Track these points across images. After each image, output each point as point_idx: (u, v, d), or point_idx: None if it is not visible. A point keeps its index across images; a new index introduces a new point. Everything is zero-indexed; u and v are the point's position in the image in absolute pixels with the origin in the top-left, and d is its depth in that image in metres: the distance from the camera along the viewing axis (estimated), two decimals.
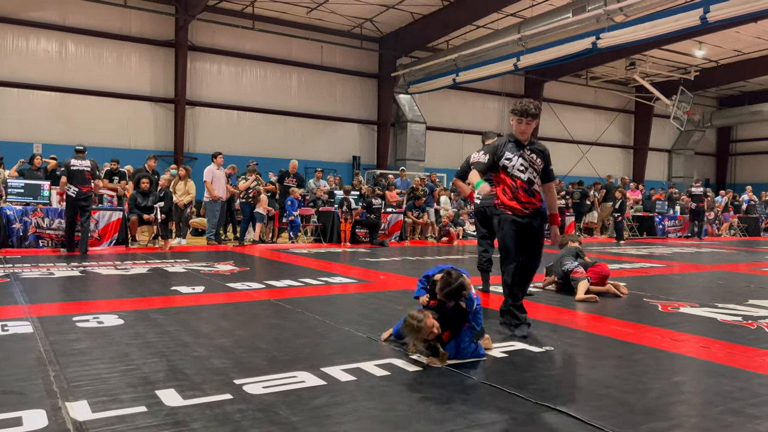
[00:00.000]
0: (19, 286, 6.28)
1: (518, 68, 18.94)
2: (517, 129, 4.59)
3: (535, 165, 4.58)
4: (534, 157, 4.59)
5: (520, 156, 4.56)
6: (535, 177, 4.60)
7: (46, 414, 2.72)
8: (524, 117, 4.52)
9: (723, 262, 11.20)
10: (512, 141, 4.63)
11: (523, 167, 4.56)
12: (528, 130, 4.59)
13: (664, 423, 2.82)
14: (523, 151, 4.58)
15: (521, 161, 4.55)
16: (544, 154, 4.65)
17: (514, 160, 4.56)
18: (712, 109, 31.31)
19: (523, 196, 4.57)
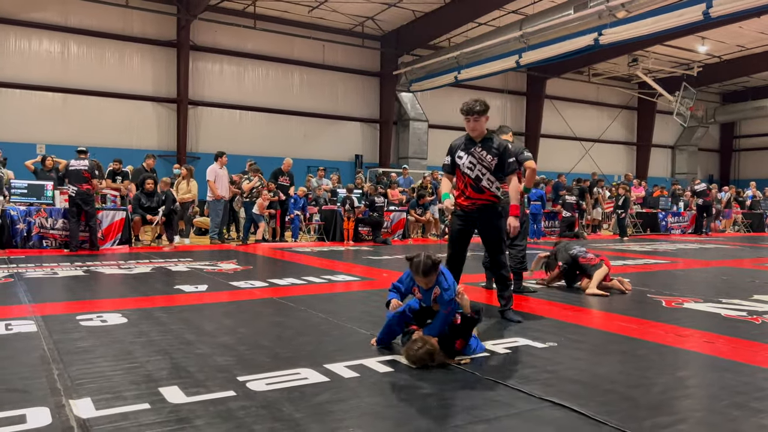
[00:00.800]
0: (23, 285, 6.29)
1: (520, 65, 18.90)
2: (467, 127, 4.77)
3: (485, 162, 4.73)
4: (484, 154, 4.73)
5: (470, 154, 4.76)
6: (484, 174, 4.74)
7: (50, 411, 2.72)
8: (470, 115, 4.69)
9: (727, 258, 11.16)
10: (467, 139, 4.84)
11: (471, 164, 4.75)
12: (477, 127, 4.72)
13: (669, 417, 2.81)
14: (474, 148, 4.76)
15: (470, 159, 4.75)
16: (499, 150, 4.76)
17: (464, 158, 4.78)
18: (716, 105, 31.21)
19: (471, 193, 4.79)
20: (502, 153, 4.77)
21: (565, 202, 15.80)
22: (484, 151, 4.75)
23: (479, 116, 4.69)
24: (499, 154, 4.75)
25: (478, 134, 4.77)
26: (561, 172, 21.41)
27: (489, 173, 4.76)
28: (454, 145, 4.93)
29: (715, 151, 34.13)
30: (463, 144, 4.85)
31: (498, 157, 4.75)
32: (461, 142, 4.88)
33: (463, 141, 4.87)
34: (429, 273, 3.73)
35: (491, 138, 4.81)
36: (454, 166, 4.91)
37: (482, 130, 4.77)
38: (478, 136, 4.77)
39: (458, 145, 4.89)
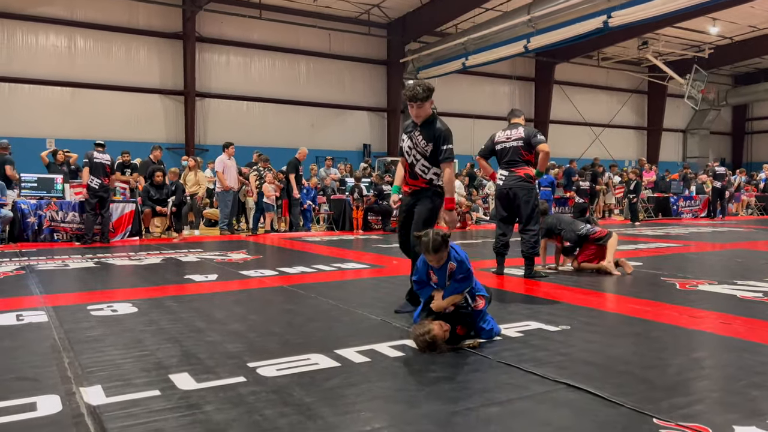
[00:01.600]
0: (34, 277, 6.31)
1: (528, 50, 18.70)
2: (411, 112, 4.52)
3: (419, 147, 4.48)
4: (419, 139, 4.48)
5: (410, 137, 4.57)
6: (418, 159, 4.52)
7: (61, 399, 2.71)
8: (413, 102, 4.42)
9: (741, 240, 11.03)
10: (412, 122, 4.62)
11: (409, 149, 4.56)
12: (420, 113, 4.46)
13: (686, 398, 2.76)
14: (414, 132, 4.55)
15: (408, 143, 4.57)
16: (435, 136, 4.44)
17: (405, 141, 4.62)
18: (727, 87, 30.79)
19: (408, 178, 4.65)
20: (437, 139, 4.44)
21: (579, 188, 15.67)
22: (420, 136, 4.48)
23: (423, 103, 4.40)
24: (434, 140, 4.44)
25: (420, 120, 4.50)
26: (571, 158, 21.28)
27: (423, 159, 4.48)
28: (404, 126, 4.77)
29: (727, 134, 33.73)
30: (409, 126, 4.65)
31: (433, 144, 4.43)
32: (408, 124, 4.68)
33: (410, 123, 4.66)
34: (439, 249, 3.64)
35: (433, 122, 4.48)
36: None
37: (426, 113, 4.47)
38: (419, 120, 4.51)
39: (405, 127, 4.71)
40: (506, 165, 6.35)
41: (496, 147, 6.46)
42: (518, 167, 6.26)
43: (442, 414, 2.56)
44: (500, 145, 6.42)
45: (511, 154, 6.31)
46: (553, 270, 6.73)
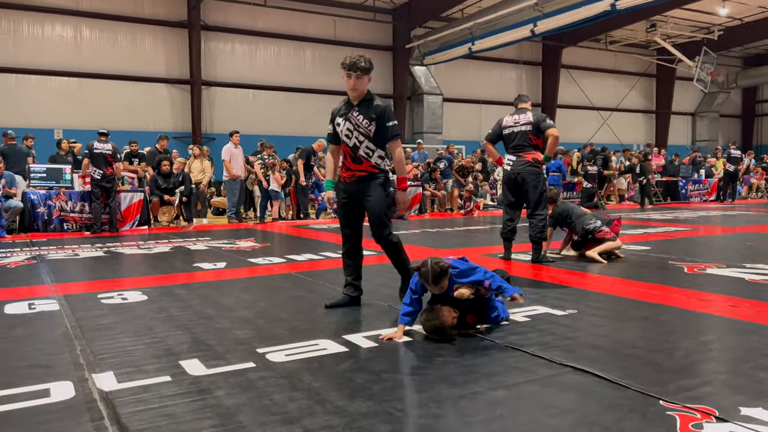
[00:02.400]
0: (45, 267, 6.38)
1: (535, 34, 18.51)
2: (347, 84, 4.15)
3: (361, 127, 4.14)
4: (361, 119, 4.15)
5: (347, 119, 4.19)
6: (362, 141, 4.16)
7: (73, 385, 2.76)
8: (351, 71, 4.08)
9: (750, 223, 10.96)
10: (346, 103, 4.27)
11: (349, 131, 4.19)
12: (358, 85, 4.12)
13: (693, 380, 2.77)
14: (351, 112, 4.18)
15: (347, 125, 4.19)
16: (378, 113, 4.15)
17: (342, 124, 4.23)
18: (737, 69, 30.40)
19: (350, 163, 4.24)
20: (380, 116, 4.15)
21: (588, 172, 15.60)
22: (360, 116, 4.16)
23: (362, 74, 4.10)
24: (376, 118, 4.14)
25: (357, 95, 4.16)
26: (579, 143, 21.16)
27: (367, 140, 4.16)
28: (334, 110, 4.35)
29: (737, 117, 33.35)
30: (342, 108, 4.28)
31: (376, 122, 4.15)
32: (340, 107, 4.32)
33: (342, 105, 4.31)
34: (439, 280, 3.49)
35: (371, 100, 4.20)
36: (336, 135, 4.31)
37: (363, 90, 4.17)
38: (356, 97, 4.17)
39: (337, 110, 4.32)
40: (514, 150, 6.32)
41: (504, 132, 6.43)
42: (526, 152, 6.23)
43: (449, 397, 2.59)
44: (508, 129, 6.38)
45: (519, 139, 6.27)
46: (558, 256, 6.71)
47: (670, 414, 2.37)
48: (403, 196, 4.44)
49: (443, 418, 2.38)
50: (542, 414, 2.41)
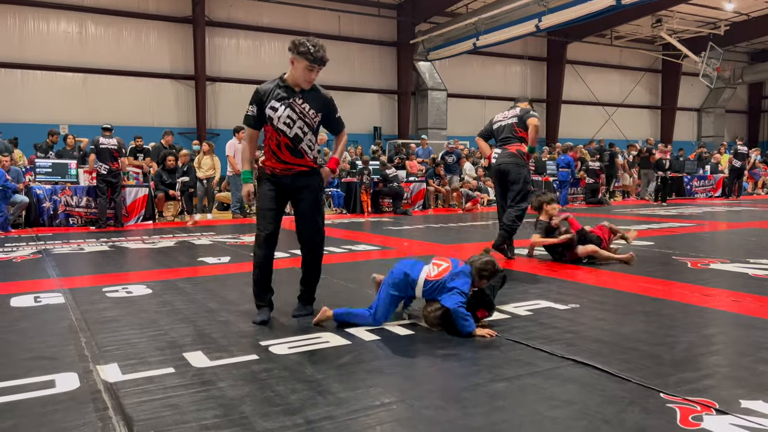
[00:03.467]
0: (51, 261, 6.42)
1: (540, 29, 18.48)
2: (307, 77, 3.73)
3: (307, 117, 3.77)
4: (306, 108, 3.77)
5: (289, 106, 3.74)
6: (306, 133, 3.78)
7: (78, 377, 2.79)
8: (320, 65, 3.74)
9: (755, 219, 10.92)
10: (282, 87, 3.79)
11: (290, 119, 3.74)
12: (315, 78, 3.81)
13: (694, 374, 2.77)
14: (294, 99, 3.76)
15: (288, 112, 3.73)
16: (325, 104, 3.87)
17: (280, 110, 3.74)
18: (743, 65, 30.25)
19: (288, 156, 3.78)
20: (329, 107, 3.90)
21: (589, 168, 15.57)
22: (306, 104, 3.77)
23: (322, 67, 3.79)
24: (324, 109, 3.87)
25: (309, 85, 3.80)
26: (583, 139, 21.09)
27: (310, 133, 3.81)
28: (265, 90, 3.81)
29: (743, 113, 33.19)
30: (279, 92, 3.77)
31: (323, 114, 3.86)
32: (273, 88, 3.80)
33: (277, 87, 3.79)
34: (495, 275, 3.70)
35: (317, 90, 3.88)
36: (262, 120, 3.81)
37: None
38: (307, 86, 3.80)
39: (270, 92, 3.79)
40: (501, 142, 6.40)
41: (494, 126, 6.48)
42: (511, 144, 6.26)
43: (451, 389, 2.61)
44: (497, 124, 6.47)
45: (505, 132, 6.35)
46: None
47: (670, 406, 2.38)
48: (327, 173, 4.06)
49: (445, 409, 2.39)
50: (543, 406, 2.42)
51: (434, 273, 3.61)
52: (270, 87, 3.82)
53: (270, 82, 3.86)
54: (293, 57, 3.74)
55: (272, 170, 3.86)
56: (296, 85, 3.78)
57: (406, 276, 3.65)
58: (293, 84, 3.78)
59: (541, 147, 18.70)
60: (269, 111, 3.76)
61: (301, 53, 3.70)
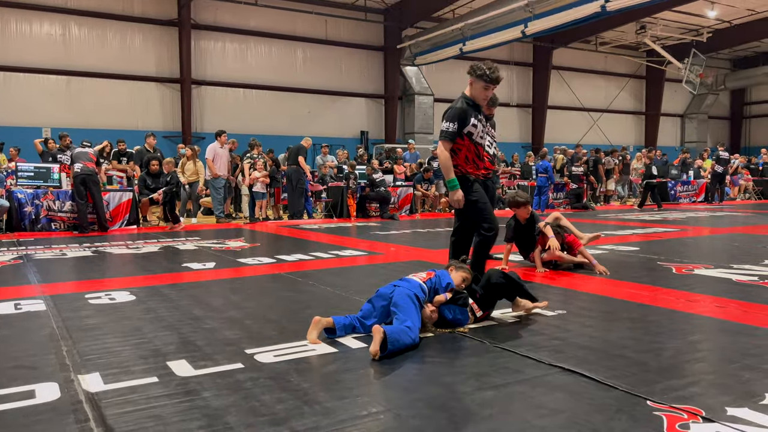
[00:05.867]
0: (32, 266, 6.32)
1: (526, 35, 18.59)
2: (482, 94, 4.53)
3: (491, 133, 4.74)
4: (485, 122, 4.67)
5: (480, 122, 4.57)
6: (491, 143, 4.72)
7: (59, 386, 2.73)
8: (494, 85, 4.49)
9: (738, 225, 11.05)
10: (473, 104, 4.59)
11: (483, 133, 4.61)
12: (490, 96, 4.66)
13: (680, 381, 2.78)
14: (480, 116, 4.60)
15: (481, 128, 4.59)
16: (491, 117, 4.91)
17: (478, 126, 4.57)
18: (726, 71, 30.68)
19: (488, 164, 4.72)
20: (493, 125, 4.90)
21: (572, 173, 15.68)
22: (485, 120, 4.70)
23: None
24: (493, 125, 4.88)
25: (486, 102, 4.69)
26: (570, 144, 21.23)
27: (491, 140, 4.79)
28: (464, 110, 4.50)
29: (726, 119, 33.65)
30: (472, 110, 4.55)
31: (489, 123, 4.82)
32: (467, 108, 4.51)
33: (468, 107, 4.52)
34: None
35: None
36: (460, 135, 4.54)
37: None
38: (485, 103, 4.71)
39: (468, 112, 4.50)
40: None
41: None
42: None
43: (438, 398, 2.59)
44: None
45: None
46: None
47: (657, 414, 2.38)
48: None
49: (432, 419, 2.37)
50: (531, 414, 2.41)
51: (424, 276, 3.66)
52: (465, 106, 4.46)
53: (461, 102, 4.48)
54: (472, 79, 4.43)
55: (476, 176, 4.55)
56: (478, 102, 4.52)
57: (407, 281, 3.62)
58: (478, 103, 4.53)
59: (524, 152, 18.90)
60: (471, 128, 4.43)
61: (478, 76, 4.38)
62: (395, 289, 3.48)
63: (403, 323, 3.26)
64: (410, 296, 3.41)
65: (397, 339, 3.12)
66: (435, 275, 3.68)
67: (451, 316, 3.63)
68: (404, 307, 3.36)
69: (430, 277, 3.66)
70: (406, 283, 3.56)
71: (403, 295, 3.41)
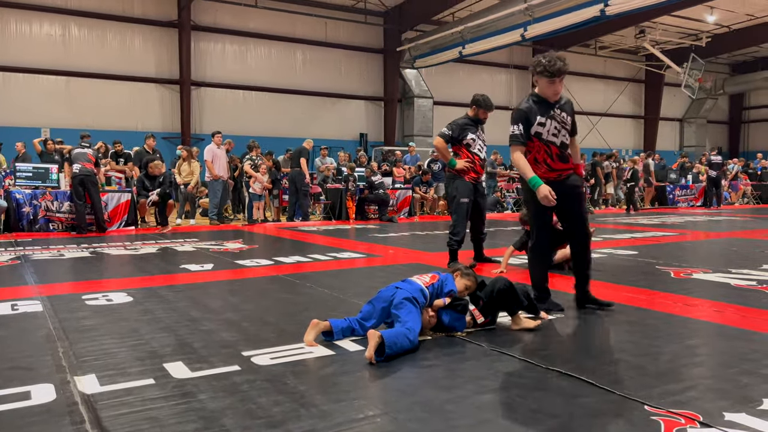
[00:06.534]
0: (29, 267, 6.30)
1: (525, 39, 18.63)
2: (549, 90, 4.07)
3: (566, 125, 4.17)
4: (564, 116, 4.16)
5: (552, 118, 4.11)
6: (566, 138, 4.18)
7: (55, 388, 2.72)
8: (558, 77, 4.02)
9: (736, 229, 11.06)
10: (539, 101, 4.14)
11: (557, 130, 4.12)
12: (561, 88, 4.11)
13: (678, 385, 2.77)
14: (554, 110, 4.12)
15: (554, 124, 4.12)
16: (570, 107, 4.25)
17: (547, 123, 4.10)
18: (725, 76, 30.74)
19: (557, 163, 4.16)
20: (572, 111, 4.23)
21: None
22: (564, 113, 4.15)
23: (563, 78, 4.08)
24: (571, 112, 4.23)
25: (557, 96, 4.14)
26: None
27: (568, 137, 4.21)
28: (527, 109, 4.09)
29: (725, 123, 33.71)
30: (538, 108, 4.10)
31: (571, 116, 4.23)
32: (532, 106, 4.11)
33: (533, 104, 4.11)
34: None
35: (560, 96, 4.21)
36: (528, 137, 4.11)
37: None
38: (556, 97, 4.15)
39: (532, 110, 4.09)
40: None
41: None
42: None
43: (436, 401, 2.58)
44: None
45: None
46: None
47: (654, 419, 2.37)
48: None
49: (430, 422, 2.37)
50: (529, 419, 2.40)
51: (427, 280, 3.65)
52: (527, 105, 4.11)
53: (526, 102, 4.14)
54: (536, 77, 4.10)
55: (546, 179, 4.05)
56: (551, 98, 4.09)
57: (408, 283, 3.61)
58: (548, 98, 4.10)
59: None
60: (537, 127, 4.07)
61: (539, 72, 4.03)
62: (396, 291, 3.48)
63: (404, 326, 3.26)
64: (411, 299, 3.41)
65: (395, 342, 3.11)
66: (439, 280, 3.66)
67: (447, 320, 3.62)
68: (405, 309, 3.36)
69: (433, 282, 3.64)
70: (407, 284, 3.55)
71: (404, 298, 3.41)
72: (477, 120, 6.35)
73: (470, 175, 6.26)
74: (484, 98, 6.34)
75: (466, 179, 6.25)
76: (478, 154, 6.27)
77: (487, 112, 6.34)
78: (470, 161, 6.22)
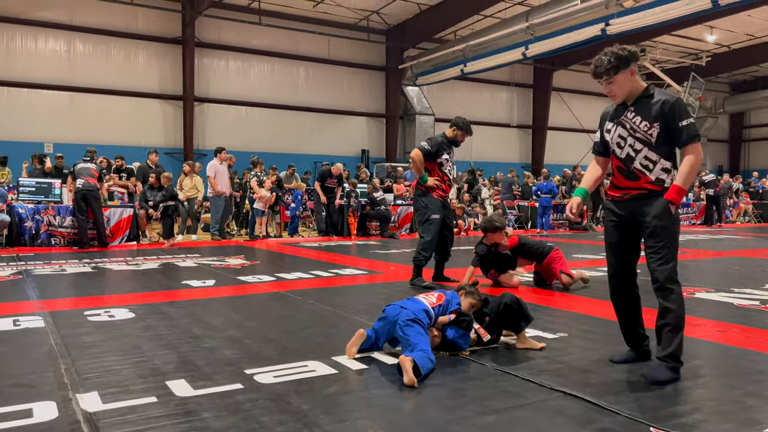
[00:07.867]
0: (31, 282, 6.30)
1: (527, 57, 18.77)
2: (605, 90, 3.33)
3: (638, 132, 3.22)
4: (638, 121, 3.22)
5: (619, 123, 3.30)
6: (639, 150, 3.22)
7: (57, 406, 2.71)
8: (598, 78, 3.27)
9: (738, 248, 11.04)
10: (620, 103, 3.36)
11: (621, 139, 3.28)
12: (615, 90, 3.25)
13: (684, 407, 2.76)
14: (624, 114, 3.28)
15: (619, 131, 3.29)
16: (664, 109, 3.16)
17: (612, 131, 3.34)
18: (725, 95, 30.88)
19: (621, 180, 3.35)
20: (668, 114, 3.14)
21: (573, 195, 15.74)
22: (637, 117, 3.21)
23: (613, 74, 3.19)
24: (662, 117, 3.15)
25: (624, 96, 3.25)
26: (569, 165, 21.32)
27: (646, 149, 3.20)
28: (604, 114, 3.47)
29: (725, 142, 33.81)
30: (613, 111, 3.38)
31: (661, 122, 3.16)
32: (609, 110, 3.43)
33: (612, 106, 3.41)
34: None
35: (650, 95, 3.24)
36: (605, 145, 3.42)
37: (628, 87, 3.24)
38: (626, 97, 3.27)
39: (607, 114, 3.42)
40: None
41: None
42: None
43: (439, 422, 2.56)
44: None
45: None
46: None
47: None
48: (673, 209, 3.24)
49: None
50: None
51: (434, 300, 3.66)
52: (609, 108, 3.45)
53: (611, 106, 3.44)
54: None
55: (611, 197, 3.44)
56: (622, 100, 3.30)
57: (413, 302, 3.61)
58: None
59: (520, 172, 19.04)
60: (605, 134, 3.37)
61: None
62: (401, 311, 3.47)
63: (417, 348, 3.22)
64: (416, 320, 3.41)
65: (425, 365, 3.14)
66: (445, 300, 3.67)
67: (452, 335, 3.61)
68: (413, 331, 3.35)
69: (440, 302, 3.63)
70: (412, 303, 3.55)
71: (409, 319, 3.39)
72: (454, 141, 6.54)
73: (438, 193, 6.40)
74: (465, 122, 6.50)
75: (434, 196, 6.36)
76: (448, 175, 6.48)
77: (466, 135, 6.53)
78: (440, 180, 6.38)
